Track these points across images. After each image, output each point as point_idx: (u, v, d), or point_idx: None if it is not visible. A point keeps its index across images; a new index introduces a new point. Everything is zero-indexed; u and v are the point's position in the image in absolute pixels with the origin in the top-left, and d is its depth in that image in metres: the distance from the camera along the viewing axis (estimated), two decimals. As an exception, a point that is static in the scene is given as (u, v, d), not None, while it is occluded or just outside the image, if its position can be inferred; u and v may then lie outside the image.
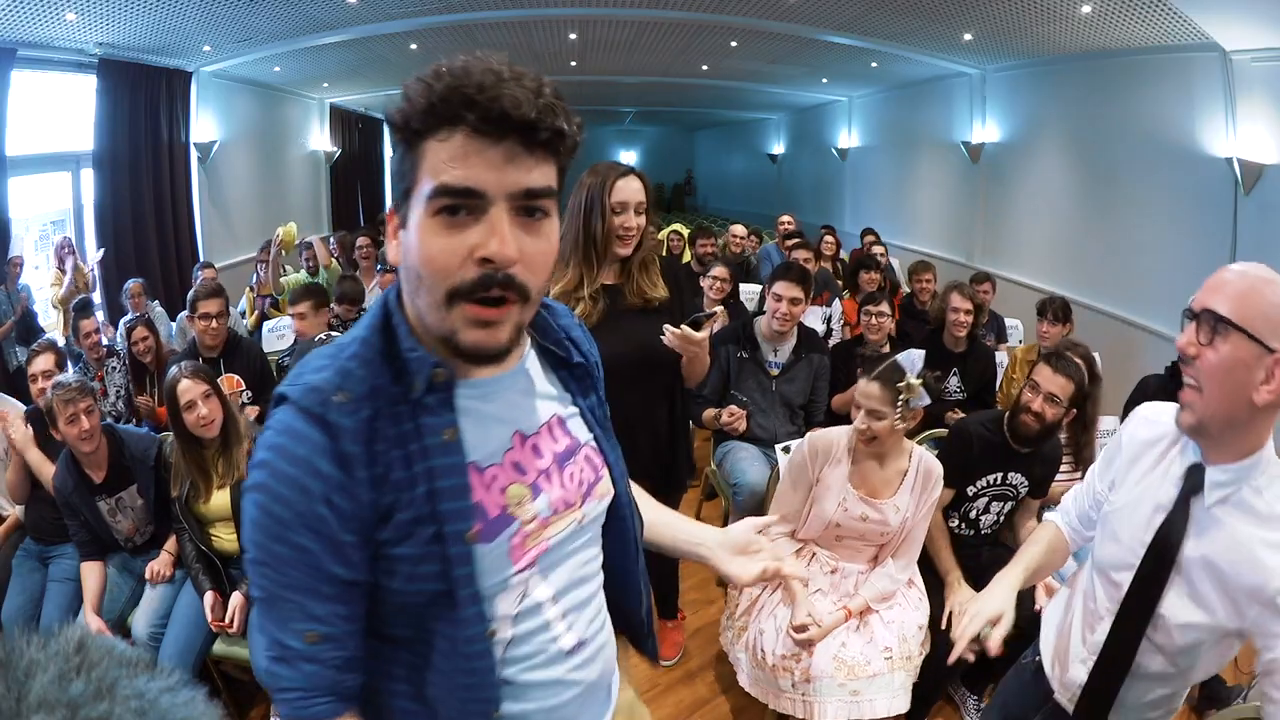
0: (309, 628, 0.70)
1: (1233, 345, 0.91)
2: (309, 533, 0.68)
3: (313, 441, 0.68)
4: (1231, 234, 3.84)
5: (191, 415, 2.05)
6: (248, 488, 0.70)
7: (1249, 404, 0.91)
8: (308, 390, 0.69)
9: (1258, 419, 0.93)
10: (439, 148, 0.65)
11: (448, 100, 0.64)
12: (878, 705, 1.79)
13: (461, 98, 0.64)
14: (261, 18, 4.96)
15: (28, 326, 4.32)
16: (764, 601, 2.01)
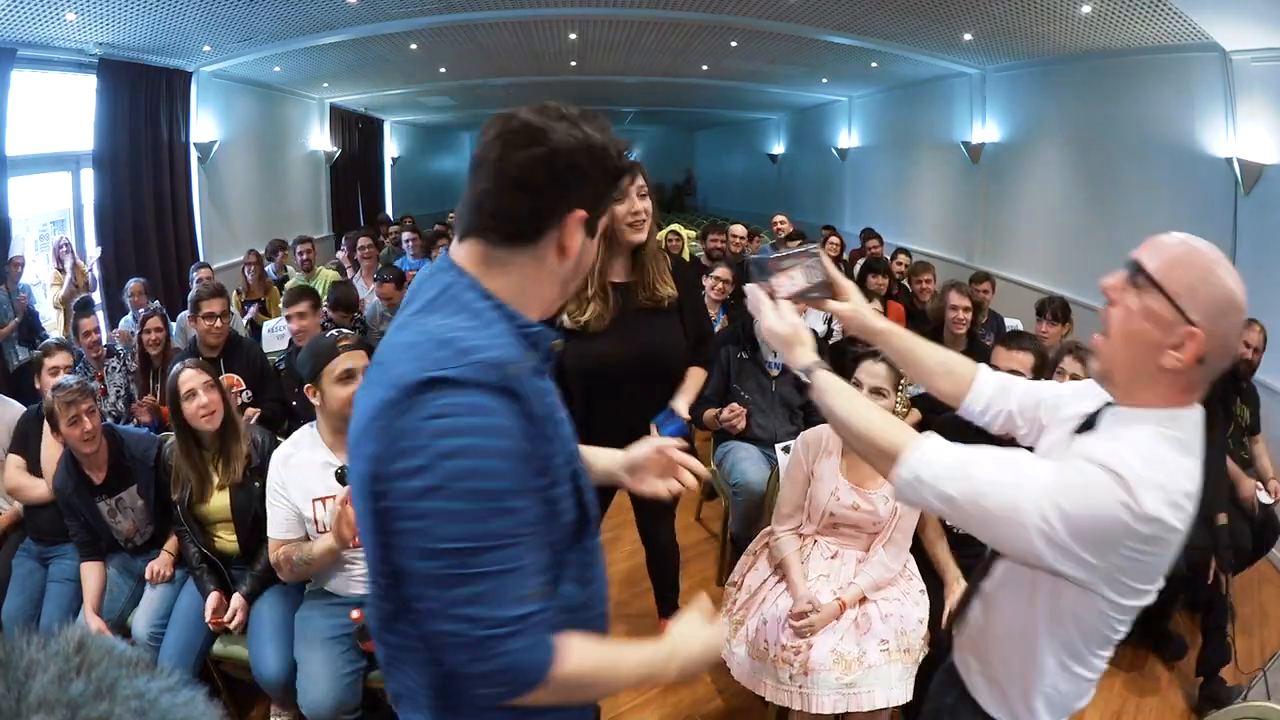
0: (533, 586, 0.77)
1: (1149, 303, 0.91)
2: (526, 495, 0.77)
3: (509, 411, 0.76)
4: (1231, 234, 3.84)
5: (192, 404, 2.05)
6: (433, 486, 0.72)
7: (1154, 364, 0.92)
8: (487, 367, 0.76)
9: (1162, 381, 0.93)
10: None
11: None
12: (875, 696, 1.80)
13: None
14: (261, 18, 4.96)
15: (29, 327, 4.32)
16: (765, 593, 2.03)
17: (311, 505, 1.88)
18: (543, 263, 0.86)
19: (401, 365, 0.77)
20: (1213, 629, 2.45)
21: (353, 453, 0.82)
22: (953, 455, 0.98)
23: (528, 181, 0.82)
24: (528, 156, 0.81)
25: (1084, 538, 0.89)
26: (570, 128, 0.82)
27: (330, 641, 1.89)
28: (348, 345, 1.86)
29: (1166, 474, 0.89)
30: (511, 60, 7.18)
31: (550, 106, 0.84)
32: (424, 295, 0.85)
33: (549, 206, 0.84)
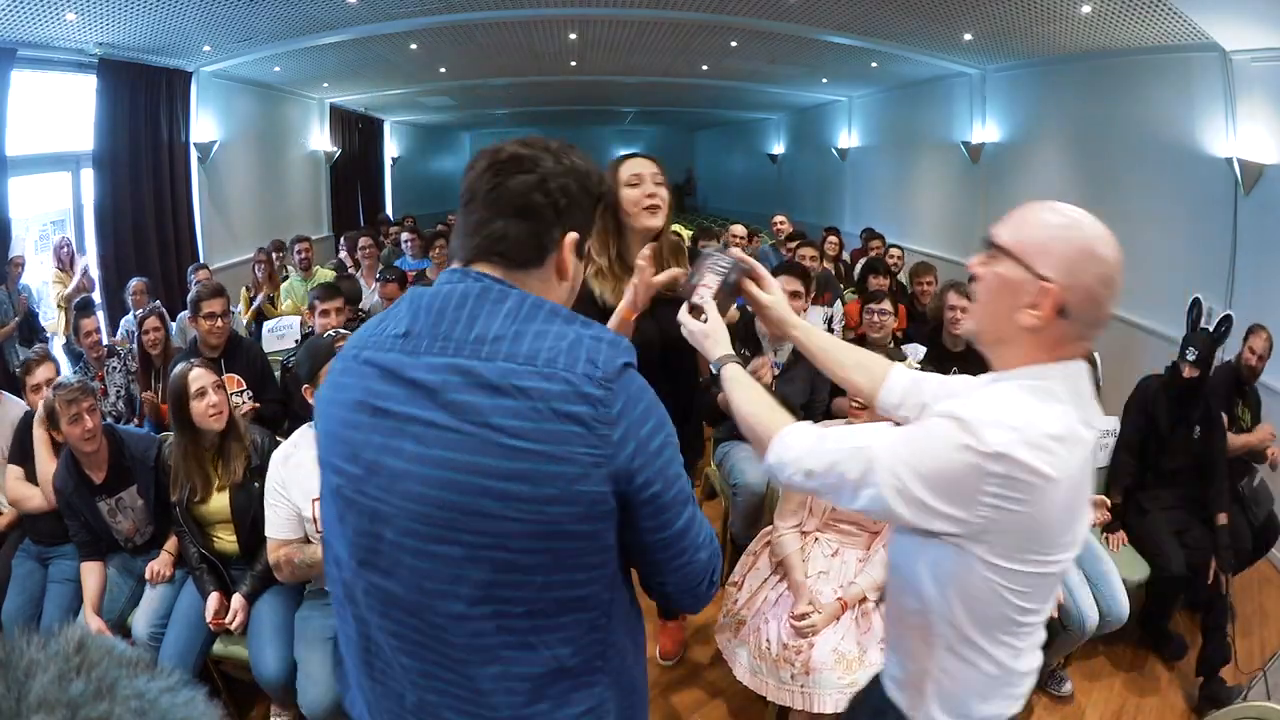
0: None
1: (1002, 269, 0.96)
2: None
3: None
4: (1231, 234, 3.84)
5: (201, 403, 2.05)
6: (666, 443, 0.89)
7: (1014, 325, 0.95)
8: (631, 350, 0.90)
9: (1026, 340, 0.95)
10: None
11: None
12: None
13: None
14: (261, 18, 4.96)
15: (30, 327, 4.31)
16: (767, 593, 2.04)
17: (311, 505, 1.88)
18: (548, 284, 0.93)
19: (571, 364, 0.83)
20: (1213, 629, 2.45)
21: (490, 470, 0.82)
22: (812, 434, 1.03)
23: (526, 207, 0.88)
24: (522, 184, 0.88)
25: (935, 487, 0.90)
26: (555, 157, 0.90)
27: (330, 641, 1.89)
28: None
29: (1020, 416, 0.89)
30: (511, 60, 7.18)
31: (534, 139, 0.92)
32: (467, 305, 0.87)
33: (547, 230, 0.90)
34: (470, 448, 0.81)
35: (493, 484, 0.81)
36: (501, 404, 0.81)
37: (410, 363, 0.85)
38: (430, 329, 0.86)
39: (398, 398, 0.85)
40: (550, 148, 0.91)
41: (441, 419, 0.82)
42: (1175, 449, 2.67)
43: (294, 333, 3.91)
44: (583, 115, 13.11)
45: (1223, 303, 3.80)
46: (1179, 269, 4.07)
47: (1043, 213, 0.96)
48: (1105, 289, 0.92)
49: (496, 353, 0.83)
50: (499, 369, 0.82)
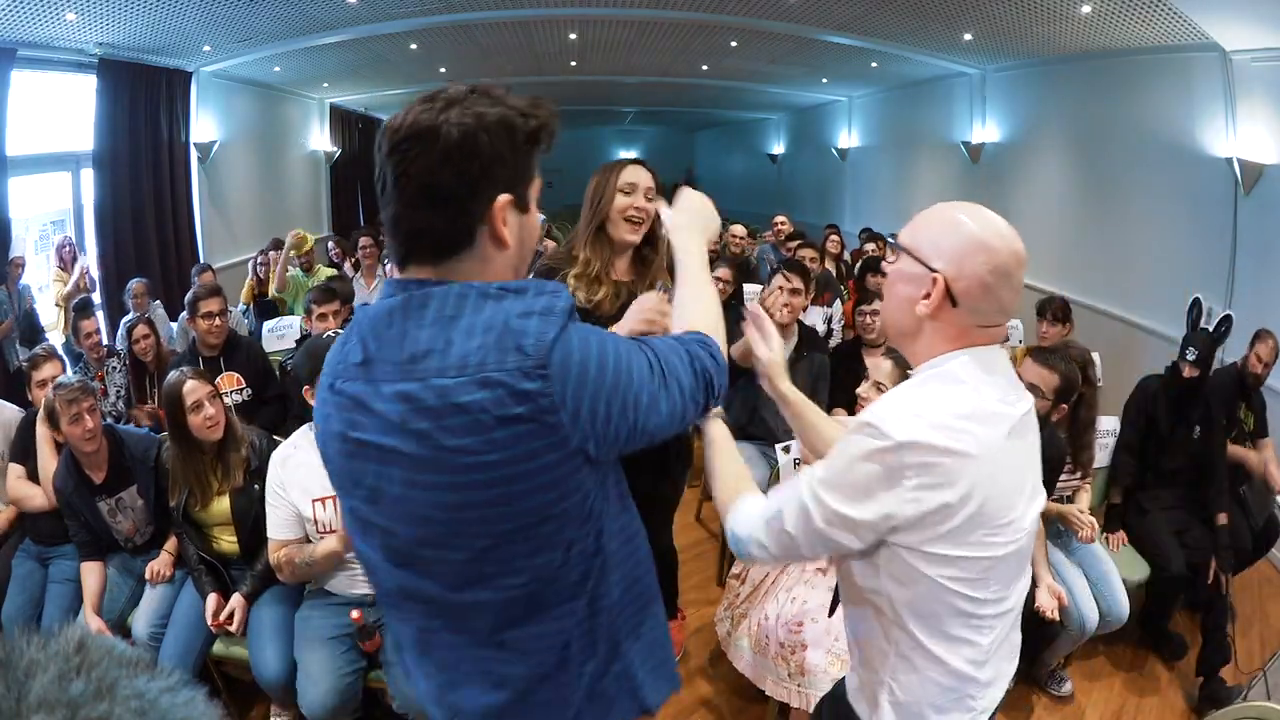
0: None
1: (901, 265, 1.01)
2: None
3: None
4: (1231, 234, 3.84)
5: (198, 416, 2.05)
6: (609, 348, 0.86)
7: (913, 316, 0.99)
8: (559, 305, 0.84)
9: (926, 330, 0.99)
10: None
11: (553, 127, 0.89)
12: None
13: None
14: (261, 18, 4.96)
15: (30, 326, 4.31)
16: (768, 587, 2.04)
17: (311, 506, 1.88)
18: (486, 262, 0.85)
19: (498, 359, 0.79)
20: (1213, 629, 2.45)
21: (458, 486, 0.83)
22: (758, 506, 1.04)
23: (436, 191, 0.80)
24: (426, 165, 0.79)
25: (863, 500, 0.92)
26: (460, 113, 0.79)
27: (330, 642, 1.89)
28: None
29: (921, 404, 0.93)
30: (511, 60, 7.18)
31: (437, 94, 0.81)
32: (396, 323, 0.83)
33: (467, 208, 0.82)
34: (441, 471, 0.81)
35: (473, 498, 0.82)
36: (448, 424, 0.80)
37: (370, 392, 0.84)
38: (377, 353, 0.84)
39: (371, 428, 0.84)
40: (452, 100, 0.80)
41: (409, 448, 0.82)
42: (1175, 449, 2.67)
43: (294, 333, 3.92)
44: (583, 115, 13.10)
45: (1223, 303, 3.80)
46: (1179, 269, 4.07)
47: (940, 212, 1.01)
48: (996, 277, 0.95)
49: (429, 370, 0.80)
50: (435, 388, 0.79)
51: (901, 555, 0.93)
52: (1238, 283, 3.82)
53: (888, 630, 0.99)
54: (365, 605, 1.91)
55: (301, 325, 3.96)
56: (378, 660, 1.93)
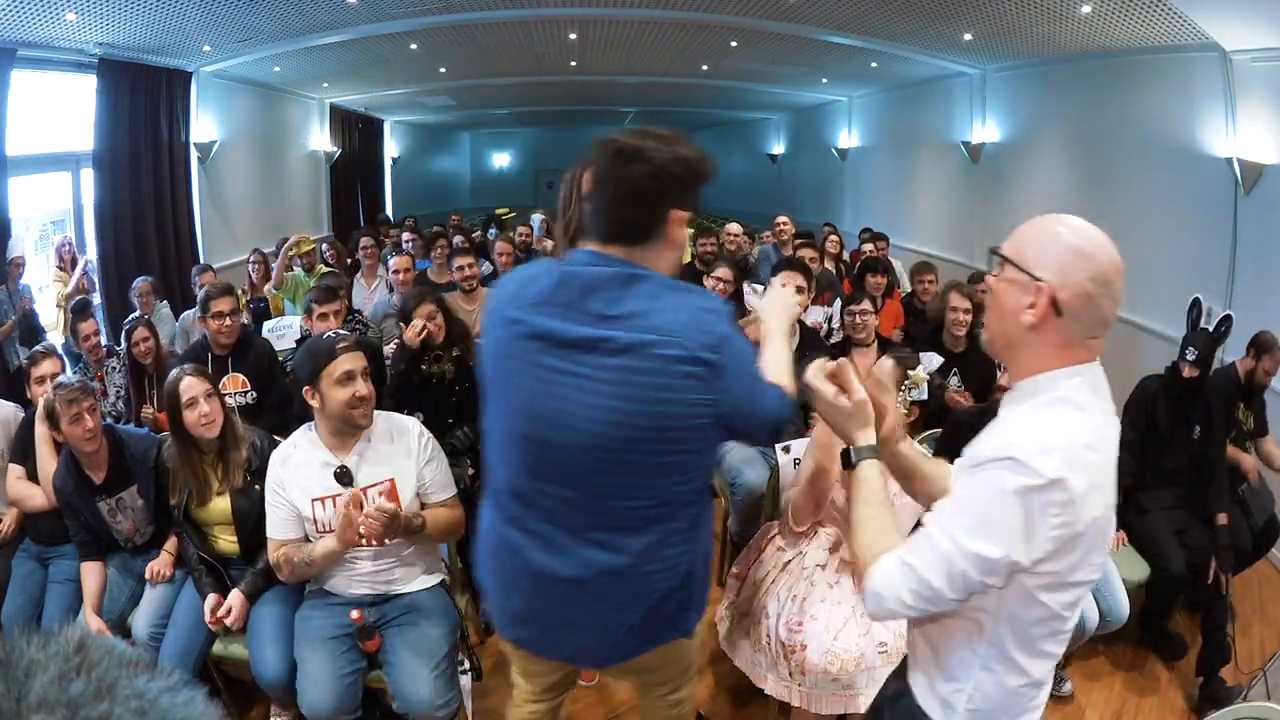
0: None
1: (1009, 276, 1.01)
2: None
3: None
4: (1231, 234, 3.84)
5: (193, 413, 2.04)
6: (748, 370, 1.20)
7: (1019, 326, 0.99)
8: (731, 315, 1.21)
9: (1033, 341, 0.99)
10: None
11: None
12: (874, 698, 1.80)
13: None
14: (261, 18, 4.96)
15: (30, 327, 4.31)
16: (767, 586, 2.04)
17: (310, 505, 1.88)
18: (661, 254, 1.20)
19: (692, 335, 1.12)
20: (1213, 629, 2.45)
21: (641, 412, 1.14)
22: (895, 564, 0.99)
23: (642, 193, 1.13)
24: (639, 173, 1.11)
25: (996, 536, 0.90)
26: (662, 146, 1.12)
27: (330, 642, 1.89)
28: (346, 346, 1.84)
29: (1057, 435, 0.91)
30: (511, 60, 7.18)
31: (646, 131, 1.15)
32: (609, 287, 1.15)
33: (659, 211, 1.15)
34: (623, 396, 1.12)
35: (640, 423, 1.13)
36: (642, 365, 1.12)
37: (564, 326, 1.15)
38: (578, 301, 1.15)
39: (558, 354, 1.15)
40: (661, 137, 1.13)
41: (598, 374, 1.13)
42: (1175, 449, 2.67)
43: (294, 333, 3.91)
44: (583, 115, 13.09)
45: (1223, 303, 3.80)
46: (1179, 269, 4.07)
47: (1041, 223, 1.02)
48: (1097, 286, 0.95)
49: (637, 325, 1.12)
50: (639, 338, 1.12)
51: (1023, 582, 0.94)
52: (1238, 283, 3.82)
53: (977, 645, 1.01)
54: (365, 605, 1.91)
55: (302, 325, 3.96)
56: (378, 660, 1.93)
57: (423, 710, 1.81)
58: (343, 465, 1.87)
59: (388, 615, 1.95)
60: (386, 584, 1.97)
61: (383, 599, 1.97)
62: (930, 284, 4.30)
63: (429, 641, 1.88)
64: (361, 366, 1.84)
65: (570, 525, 1.23)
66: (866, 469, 1.09)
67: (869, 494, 1.07)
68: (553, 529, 1.24)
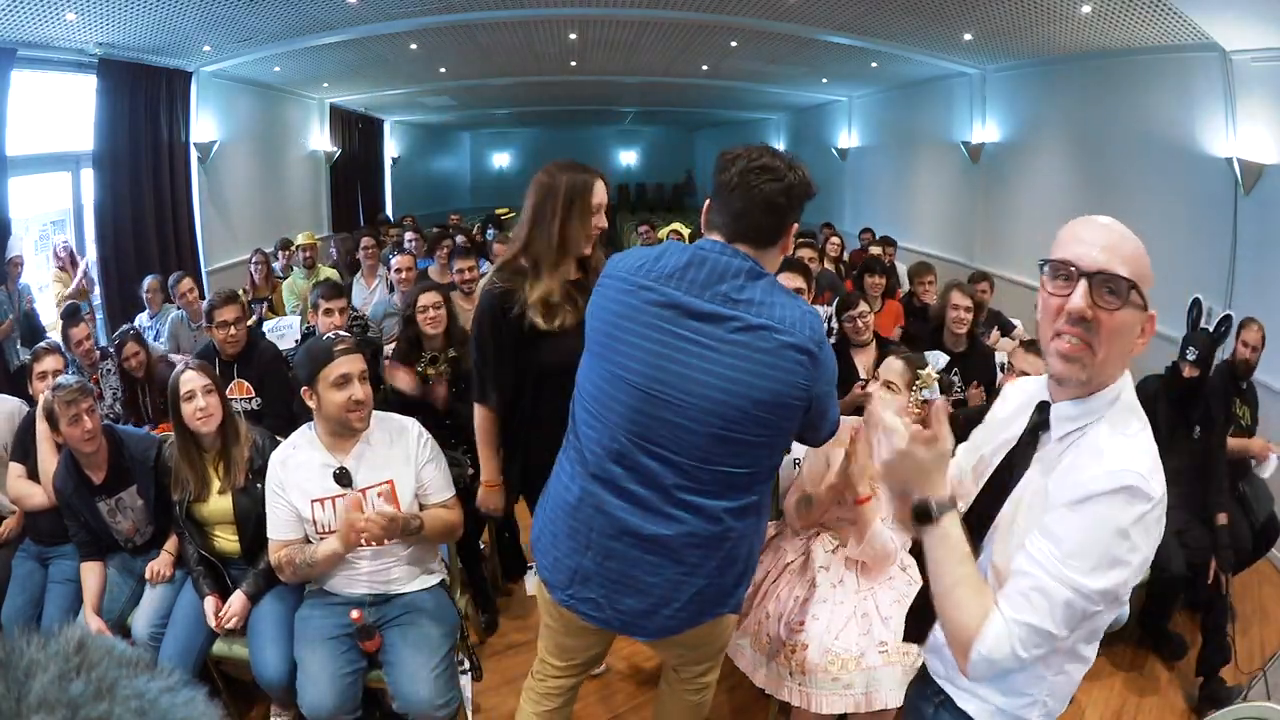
0: None
1: (1133, 307, 0.92)
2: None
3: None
4: (1231, 234, 3.84)
5: (190, 406, 2.04)
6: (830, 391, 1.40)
7: (1127, 354, 0.95)
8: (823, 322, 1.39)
9: (1124, 361, 0.97)
10: None
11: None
12: (874, 698, 1.80)
13: None
14: (261, 18, 4.96)
15: (31, 327, 4.31)
16: (768, 587, 2.04)
17: (310, 507, 1.88)
18: (775, 258, 1.37)
19: (802, 329, 1.28)
20: (1213, 629, 2.45)
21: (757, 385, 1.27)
22: (1000, 624, 0.92)
23: (775, 205, 1.30)
24: (774, 190, 1.28)
25: (1116, 566, 0.89)
26: (791, 170, 1.30)
27: (330, 641, 1.89)
28: (345, 349, 1.84)
29: (1149, 447, 0.92)
30: (511, 60, 7.18)
31: (774, 150, 1.32)
32: (753, 278, 1.29)
33: (783, 223, 1.33)
34: (743, 369, 1.26)
35: (754, 394, 1.26)
36: (762, 344, 1.26)
37: (692, 300, 1.28)
38: (707, 280, 1.28)
39: (687, 325, 1.28)
40: (785, 161, 1.31)
41: (722, 346, 1.26)
42: (1175, 449, 2.67)
43: (294, 333, 3.91)
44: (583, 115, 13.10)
45: (1223, 303, 3.80)
46: (1179, 269, 4.06)
47: (1132, 238, 0.94)
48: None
49: (758, 311, 1.27)
50: (763, 322, 1.26)
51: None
52: (1238, 283, 3.82)
53: (1051, 658, 0.99)
54: (365, 605, 1.91)
55: (301, 325, 3.96)
56: (378, 660, 1.93)
57: (423, 710, 1.81)
58: (342, 467, 1.87)
59: (388, 615, 1.95)
60: (386, 584, 1.97)
61: (383, 599, 1.97)
62: (930, 284, 4.31)
63: (429, 641, 1.88)
64: (359, 370, 1.84)
65: (664, 485, 1.32)
66: (950, 525, 0.96)
67: (960, 553, 0.96)
68: (646, 489, 1.32)
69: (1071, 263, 0.93)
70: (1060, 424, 1.00)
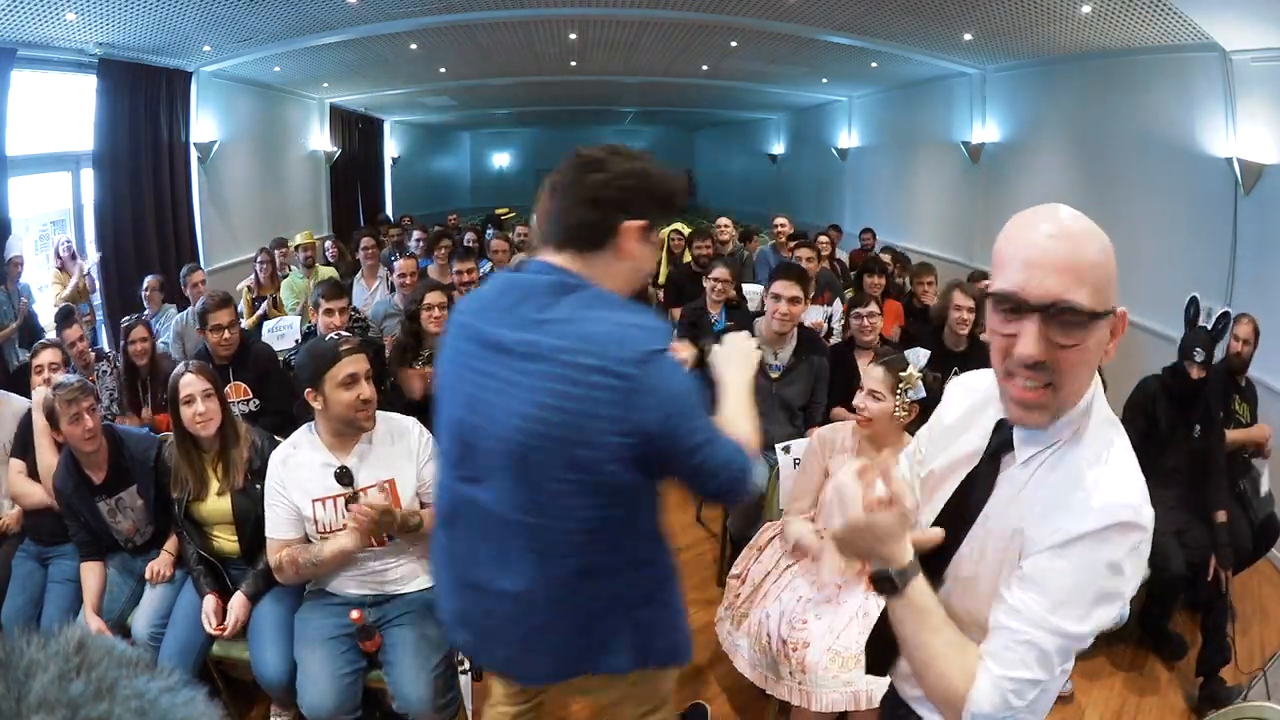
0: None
1: (1096, 331, 0.82)
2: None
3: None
4: (1231, 234, 3.84)
5: (189, 410, 2.04)
6: (679, 412, 1.11)
7: (1096, 365, 0.86)
8: (667, 335, 1.14)
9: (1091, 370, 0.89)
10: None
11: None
12: (875, 697, 1.80)
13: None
14: (261, 18, 4.96)
15: (31, 328, 4.31)
16: (769, 587, 2.04)
17: (311, 506, 1.88)
18: (611, 265, 1.17)
19: (615, 345, 1.07)
20: (1213, 629, 2.45)
21: (554, 420, 1.09)
22: (989, 683, 0.86)
23: (596, 200, 1.13)
24: (595, 180, 1.13)
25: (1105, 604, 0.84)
26: (626, 159, 1.15)
27: (330, 642, 1.89)
28: (349, 349, 1.84)
29: (1134, 468, 0.85)
30: (511, 60, 7.18)
31: (616, 146, 1.17)
32: (566, 291, 1.13)
33: (611, 218, 1.14)
34: (535, 402, 1.09)
35: (554, 431, 1.08)
36: (555, 370, 1.08)
37: (496, 330, 1.15)
38: (513, 304, 1.15)
39: (486, 357, 1.15)
40: (623, 153, 1.16)
41: (518, 378, 1.11)
42: (1175, 449, 2.67)
43: (294, 332, 3.91)
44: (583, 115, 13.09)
45: (1223, 303, 3.80)
46: (1179, 269, 4.07)
47: (1088, 244, 0.81)
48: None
49: (560, 331, 1.09)
50: (557, 344, 1.08)
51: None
52: (1238, 283, 3.82)
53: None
54: (365, 605, 1.91)
55: (301, 325, 3.95)
56: (378, 660, 1.93)
57: (423, 710, 1.81)
58: (343, 466, 1.87)
59: (387, 615, 1.95)
60: (386, 584, 1.97)
61: (382, 599, 1.97)
62: (930, 284, 4.31)
63: (429, 641, 1.88)
64: (364, 369, 1.84)
65: (501, 538, 1.19)
66: (918, 594, 0.88)
67: (932, 623, 0.88)
68: (485, 542, 1.22)
69: (1016, 295, 0.80)
70: (1024, 447, 0.90)
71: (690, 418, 1.11)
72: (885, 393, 1.98)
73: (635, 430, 1.07)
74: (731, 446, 1.16)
